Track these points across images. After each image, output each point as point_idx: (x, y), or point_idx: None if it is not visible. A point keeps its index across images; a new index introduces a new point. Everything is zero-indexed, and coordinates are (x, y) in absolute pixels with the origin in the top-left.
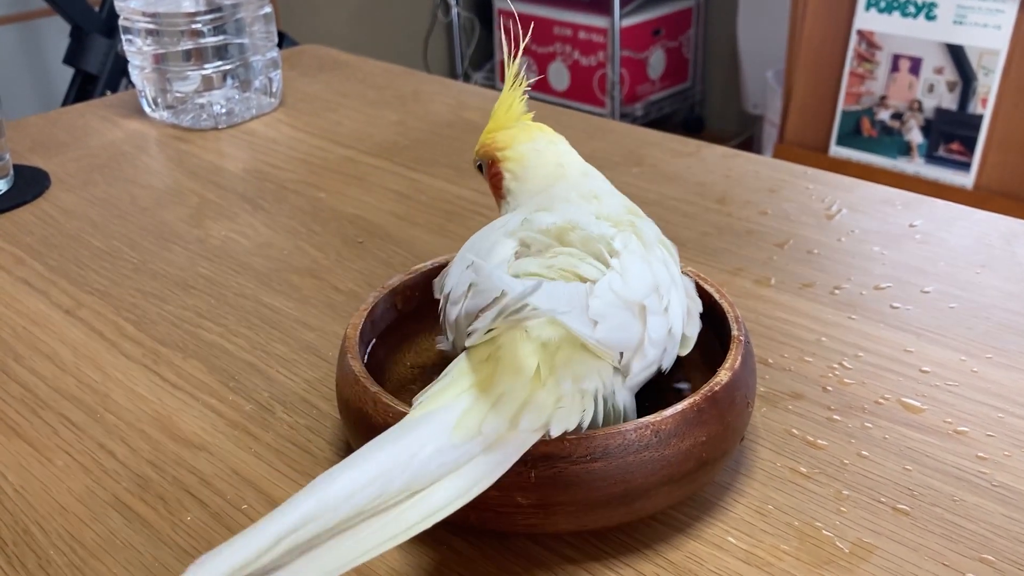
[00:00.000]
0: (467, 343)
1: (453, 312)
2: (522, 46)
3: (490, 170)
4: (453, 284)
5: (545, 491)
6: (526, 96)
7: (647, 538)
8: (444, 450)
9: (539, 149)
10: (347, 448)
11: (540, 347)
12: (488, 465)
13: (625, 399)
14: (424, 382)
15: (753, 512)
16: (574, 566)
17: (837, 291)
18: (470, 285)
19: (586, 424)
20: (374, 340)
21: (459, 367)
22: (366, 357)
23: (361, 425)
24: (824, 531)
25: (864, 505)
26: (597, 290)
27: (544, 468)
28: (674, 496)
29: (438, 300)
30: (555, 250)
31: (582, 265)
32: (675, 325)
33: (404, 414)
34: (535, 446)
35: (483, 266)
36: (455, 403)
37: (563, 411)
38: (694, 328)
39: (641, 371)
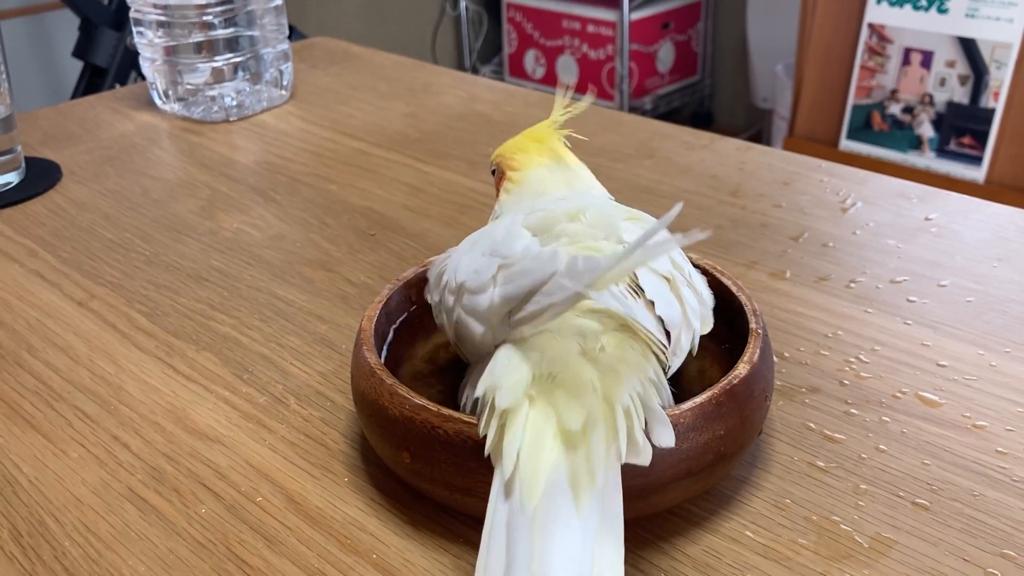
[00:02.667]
0: (517, 334)
1: (480, 300)
2: (569, 87)
3: (498, 178)
4: (468, 272)
5: None
6: (566, 127)
7: (664, 532)
8: (584, 534)
9: (550, 173)
10: (362, 440)
11: (597, 363)
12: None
13: (669, 395)
14: (438, 375)
15: (771, 506)
16: None
17: (853, 284)
18: (499, 267)
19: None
20: (389, 333)
21: (515, 385)
22: (382, 350)
23: (377, 417)
24: (842, 525)
25: (883, 500)
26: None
27: None
28: (692, 490)
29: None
30: (571, 232)
31: (607, 246)
32: (704, 293)
33: (420, 406)
34: None
35: (515, 247)
36: (557, 472)
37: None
38: (711, 310)
39: (679, 357)
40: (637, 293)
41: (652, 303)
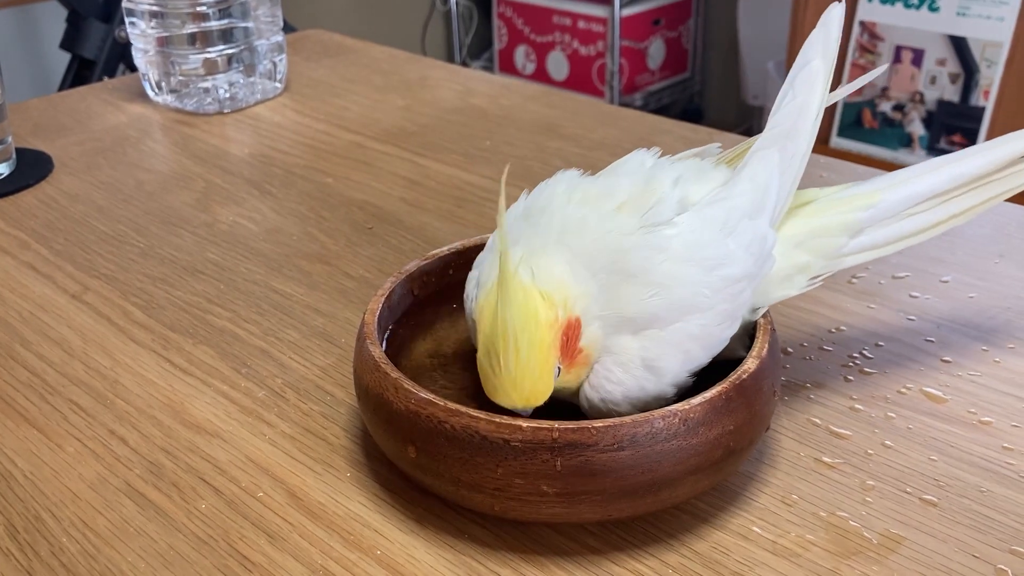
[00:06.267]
0: None
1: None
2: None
3: (569, 359)
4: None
5: (571, 480)
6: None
7: (671, 528)
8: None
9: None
10: (364, 434)
11: None
12: None
13: None
14: (441, 370)
15: (778, 502)
16: (598, 556)
17: (855, 280)
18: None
19: None
20: (391, 326)
21: None
22: (384, 343)
23: (381, 411)
24: (851, 521)
25: (890, 495)
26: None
27: (570, 456)
28: (701, 485)
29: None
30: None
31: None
32: None
33: (426, 400)
34: (561, 434)
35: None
36: None
37: None
38: None
39: None
40: None
41: None
